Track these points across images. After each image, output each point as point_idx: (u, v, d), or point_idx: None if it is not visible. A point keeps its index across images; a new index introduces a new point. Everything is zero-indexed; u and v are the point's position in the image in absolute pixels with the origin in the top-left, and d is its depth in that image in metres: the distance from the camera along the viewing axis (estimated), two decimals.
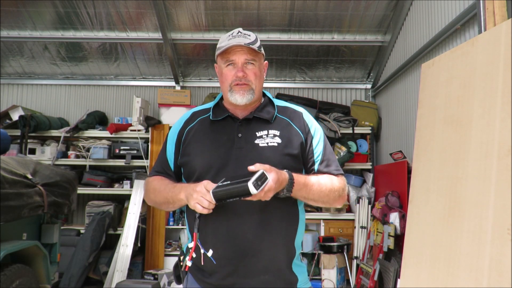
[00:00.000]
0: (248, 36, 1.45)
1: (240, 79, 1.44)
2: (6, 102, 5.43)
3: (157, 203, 1.52)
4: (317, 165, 1.49)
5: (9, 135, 3.41)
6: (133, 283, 3.78)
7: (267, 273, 1.40)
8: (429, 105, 2.44)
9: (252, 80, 1.46)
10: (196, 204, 1.28)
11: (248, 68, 1.46)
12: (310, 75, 5.42)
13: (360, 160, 4.96)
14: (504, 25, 1.93)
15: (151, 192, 1.52)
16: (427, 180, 2.32)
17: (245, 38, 1.44)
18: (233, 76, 1.45)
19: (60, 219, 3.77)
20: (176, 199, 1.40)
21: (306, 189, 1.38)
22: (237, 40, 1.43)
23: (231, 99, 1.46)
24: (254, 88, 1.47)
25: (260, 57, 1.50)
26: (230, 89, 1.46)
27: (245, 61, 1.45)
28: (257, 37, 1.49)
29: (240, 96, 1.45)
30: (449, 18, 3.16)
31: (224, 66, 1.47)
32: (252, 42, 1.44)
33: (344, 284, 4.34)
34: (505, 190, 1.74)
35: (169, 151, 1.56)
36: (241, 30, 1.48)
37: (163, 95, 5.07)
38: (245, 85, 1.45)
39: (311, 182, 1.40)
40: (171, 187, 1.44)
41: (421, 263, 2.21)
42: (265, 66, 1.57)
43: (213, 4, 4.30)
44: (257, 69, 1.48)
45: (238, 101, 1.45)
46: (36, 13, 4.48)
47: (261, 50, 1.49)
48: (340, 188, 1.47)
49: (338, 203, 1.50)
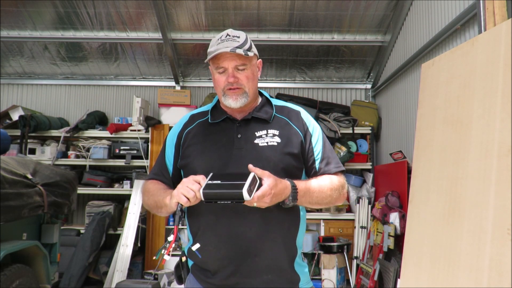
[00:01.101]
0: (237, 38, 1.41)
1: (232, 84, 1.43)
2: (6, 102, 5.43)
3: (149, 206, 1.51)
4: (317, 163, 1.49)
5: (9, 135, 3.41)
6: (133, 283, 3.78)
7: (269, 273, 1.40)
8: (429, 105, 2.44)
9: (245, 83, 1.44)
10: (180, 194, 1.26)
11: (239, 72, 1.43)
12: (310, 75, 5.42)
13: (360, 160, 4.96)
14: (504, 25, 1.93)
15: (145, 195, 1.52)
16: (427, 180, 2.32)
17: (234, 41, 1.40)
18: (224, 81, 1.44)
19: (60, 219, 3.77)
20: (162, 203, 1.39)
21: (309, 194, 1.37)
22: (225, 45, 1.39)
23: (225, 103, 1.46)
24: (248, 91, 1.45)
25: (251, 59, 1.45)
26: (223, 93, 1.45)
27: (235, 66, 1.42)
28: (247, 37, 1.45)
29: (233, 100, 1.44)
30: (449, 18, 3.16)
31: (216, 72, 1.46)
32: (241, 44, 1.40)
33: (344, 284, 4.34)
34: (505, 190, 1.74)
35: (168, 154, 1.56)
36: (229, 33, 1.43)
37: (163, 95, 5.07)
38: (237, 89, 1.43)
39: (313, 186, 1.39)
40: (162, 192, 1.43)
41: (421, 263, 2.21)
42: (259, 64, 1.54)
43: (213, 4, 4.30)
44: (249, 72, 1.45)
45: (232, 105, 1.45)
46: (36, 13, 4.48)
47: (252, 51, 1.44)
48: (340, 187, 1.47)
49: (339, 201, 1.50)
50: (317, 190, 1.40)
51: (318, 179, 1.44)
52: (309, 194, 1.37)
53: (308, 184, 1.39)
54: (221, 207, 1.35)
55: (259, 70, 1.54)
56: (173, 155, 1.54)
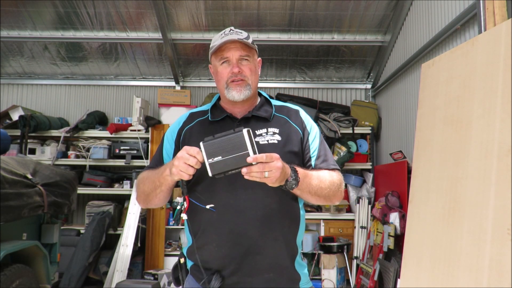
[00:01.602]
0: (240, 33, 1.46)
1: (236, 75, 1.44)
2: (6, 102, 5.43)
3: (145, 193, 1.46)
4: (313, 160, 1.49)
5: (9, 135, 3.41)
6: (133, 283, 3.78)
7: (271, 271, 1.40)
8: (429, 105, 2.45)
9: (248, 75, 1.46)
10: (180, 172, 1.24)
11: (243, 64, 1.46)
12: (310, 75, 5.42)
13: (360, 160, 4.96)
14: (504, 25, 1.93)
15: (140, 183, 1.49)
16: (427, 180, 2.32)
17: (238, 35, 1.44)
18: (228, 73, 1.45)
19: (60, 219, 3.77)
20: (161, 178, 1.35)
21: (309, 178, 1.36)
22: (230, 37, 1.43)
23: (228, 96, 1.46)
24: (251, 84, 1.47)
25: (253, 53, 1.50)
26: (226, 86, 1.46)
27: (239, 57, 1.45)
28: (249, 35, 1.50)
29: (237, 92, 1.44)
30: (449, 18, 3.16)
31: (219, 64, 1.47)
32: (245, 38, 1.45)
33: (344, 284, 4.34)
34: (505, 190, 1.74)
35: (167, 151, 1.54)
36: (232, 28, 1.48)
37: (163, 95, 5.07)
38: (241, 81, 1.44)
39: (311, 173, 1.39)
40: (157, 171, 1.41)
41: (421, 263, 2.21)
42: (259, 63, 1.57)
43: (213, 4, 4.30)
44: (252, 65, 1.48)
45: (236, 98, 1.45)
46: (36, 13, 4.48)
47: (254, 45, 1.50)
48: (339, 181, 1.48)
49: (337, 198, 1.48)
50: (315, 177, 1.39)
51: (317, 171, 1.44)
52: (309, 178, 1.36)
53: (307, 171, 1.38)
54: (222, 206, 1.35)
55: (259, 68, 1.56)
56: (173, 151, 1.52)
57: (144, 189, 1.46)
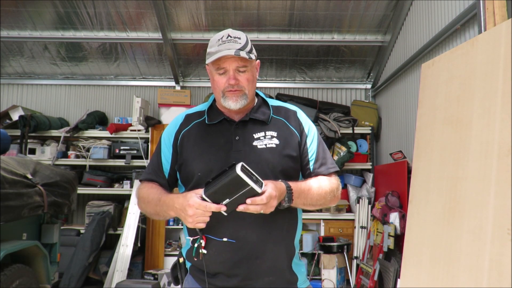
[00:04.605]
0: (238, 40, 1.39)
1: (233, 86, 1.41)
2: (6, 102, 5.43)
3: (147, 213, 1.49)
4: (311, 163, 1.49)
5: (9, 135, 3.41)
6: (133, 283, 3.78)
7: (270, 274, 1.40)
8: (429, 105, 2.44)
9: (245, 85, 1.43)
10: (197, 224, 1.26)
11: (240, 74, 1.42)
12: (310, 75, 5.42)
13: (360, 160, 4.96)
14: (504, 25, 1.93)
15: (142, 201, 1.49)
16: (427, 180, 2.32)
17: (235, 43, 1.38)
18: (225, 83, 1.42)
19: (60, 219, 3.77)
20: (166, 215, 1.38)
21: (304, 195, 1.37)
22: (226, 47, 1.37)
23: (225, 104, 1.44)
24: (247, 93, 1.44)
25: (251, 61, 1.43)
26: (223, 95, 1.43)
27: (236, 68, 1.41)
28: (248, 38, 1.44)
29: (233, 102, 1.42)
30: (449, 18, 3.16)
31: (216, 73, 1.43)
32: (243, 46, 1.39)
33: (344, 284, 4.34)
34: (505, 190, 1.74)
35: (165, 155, 1.52)
36: (230, 34, 1.41)
37: (163, 95, 5.07)
38: (237, 91, 1.42)
39: (307, 187, 1.39)
40: (162, 202, 1.39)
41: (421, 263, 2.21)
42: (257, 65, 1.52)
43: (213, 4, 4.30)
44: (249, 74, 1.44)
45: (232, 107, 1.43)
46: (36, 13, 4.48)
47: (253, 53, 1.43)
48: (334, 188, 1.47)
49: (332, 203, 1.50)
50: (311, 192, 1.39)
51: (312, 180, 1.44)
52: (304, 196, 1.37)
53: (303, 186, 1.38)
54: None
55: (257, 70, 1.53)
56: (171, 154, 1.51)
57: (147, 210, 1.48)
